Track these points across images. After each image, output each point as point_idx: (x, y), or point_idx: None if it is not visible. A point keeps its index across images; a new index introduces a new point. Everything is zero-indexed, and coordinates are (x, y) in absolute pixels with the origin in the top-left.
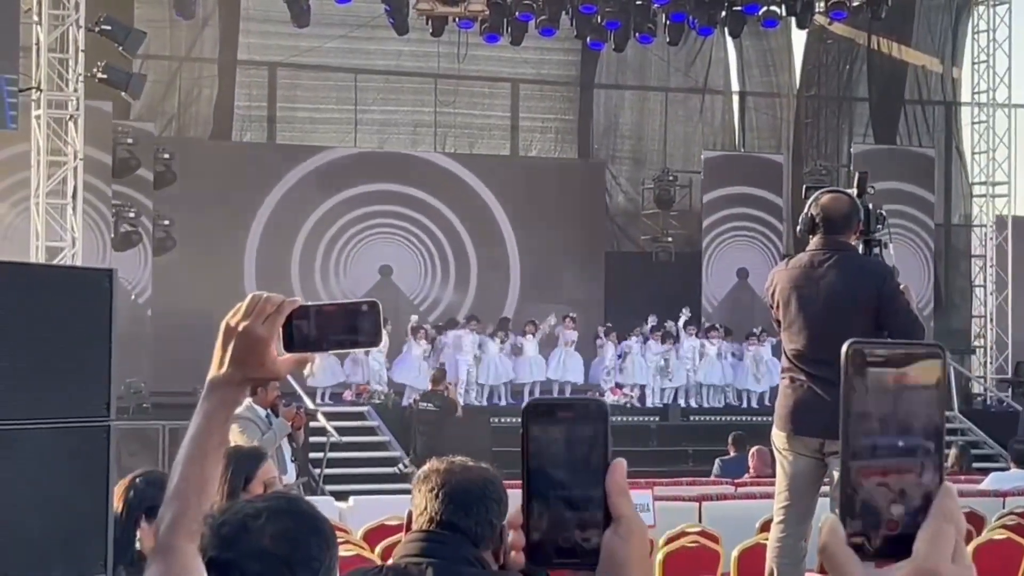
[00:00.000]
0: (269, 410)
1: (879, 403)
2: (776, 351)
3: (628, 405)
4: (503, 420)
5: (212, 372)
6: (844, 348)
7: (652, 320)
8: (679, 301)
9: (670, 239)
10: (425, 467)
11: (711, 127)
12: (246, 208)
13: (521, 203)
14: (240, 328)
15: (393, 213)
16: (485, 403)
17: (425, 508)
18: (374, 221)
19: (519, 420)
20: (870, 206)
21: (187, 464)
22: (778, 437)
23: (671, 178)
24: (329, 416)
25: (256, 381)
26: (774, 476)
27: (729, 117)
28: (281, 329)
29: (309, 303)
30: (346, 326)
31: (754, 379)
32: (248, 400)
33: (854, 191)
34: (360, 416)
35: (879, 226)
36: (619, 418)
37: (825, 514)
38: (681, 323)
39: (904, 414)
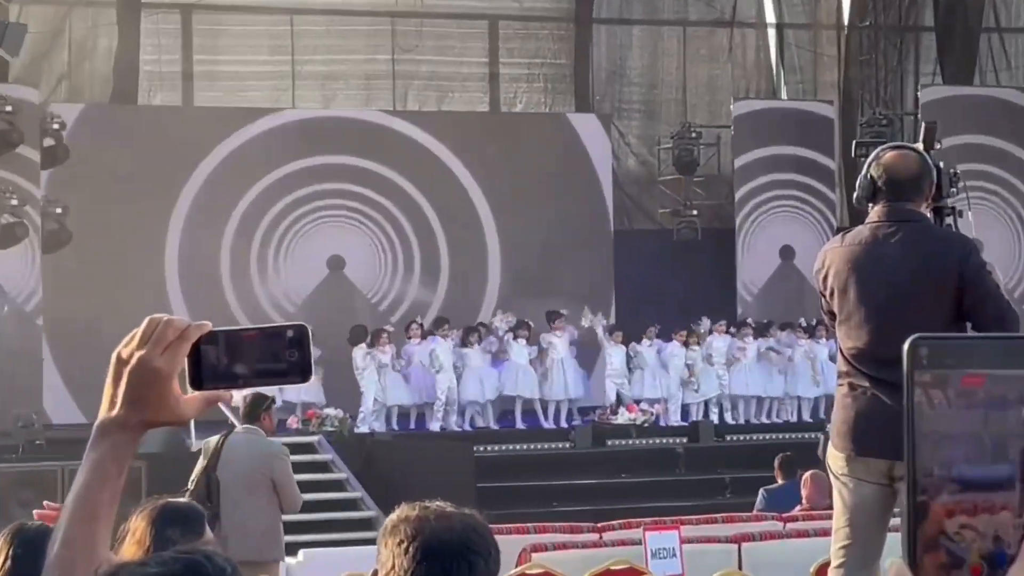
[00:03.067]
0: None
1: (960, 419)
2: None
3: (647, 424)
4: (490, 449)
5: (102, 413)
6: (906, 346)
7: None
8: (708, 290)
9: (695, 212)
10: (394, 515)
11: (742, 70)
12: (160, 190)
13: (503, 172)
14: (135, 360)
15: (343, 192)
16: (467, 427)
17: (393, 566)
18: (321, 202)
19: (511, 447)
20: (941, 164)
21: (71, 526)
22: (835, 459)
23: (693, 135)
24: None
25: (155, 425)
26: (831, 508)
27: (764, 56)
28: (187, 360)
29: (221, 328)
30: (268, 356)
31: (812, 383)
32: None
33: (920, 145)
34: (309, 448)
35: (953, 189)
36: (637, 441)
37: (891, 559)
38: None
39: (996, 433)
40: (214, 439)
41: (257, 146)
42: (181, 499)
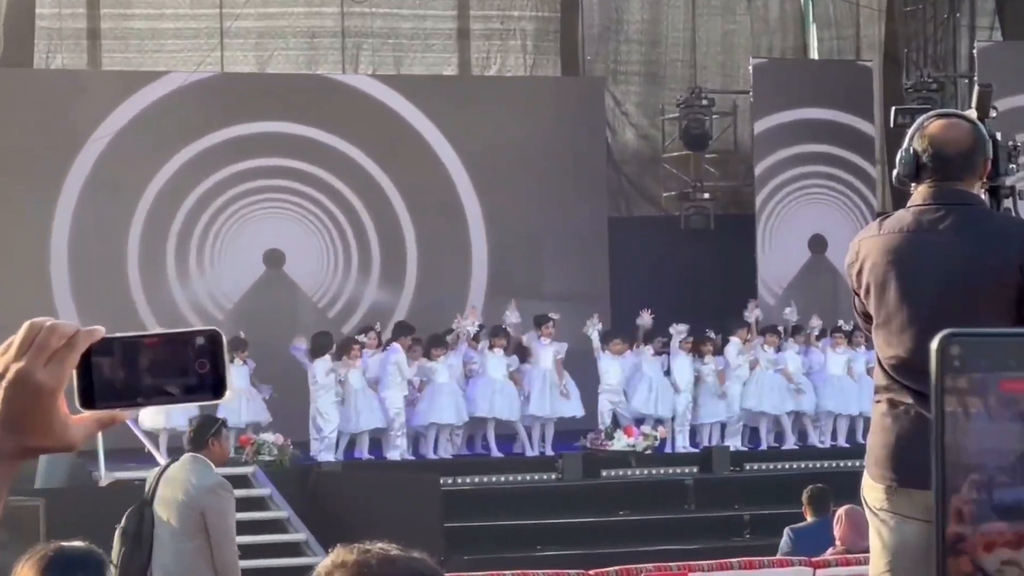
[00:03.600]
0: None
1: (1002, 433)
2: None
3: (649, 451)
4: (460, 481)
5: None
6: (934, 345)
7: (679, 328)
8: (723, 290)
9: (706, 196)
10: (328, 559)
11: (763, 24)
12: (55, 167)
13: (476, 147)
14: (11, 373)
15: (283, 170)
16: (432, 454)
17: None
18: (255, 184)
19: (485, 479)
20: (998, 136)
21: None
22: (873, 491)
23: (704, 102)
24: None
25: (37, 451)
26: (869, 550)
27: (791, 7)
28: (75, 373)
29: (116, 335)
30: (173, 368)
31: (849, 399)
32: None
33: (973, 113)
34: (243, 481)
35: (1012, 165)
36: (637, 471)
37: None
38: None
39: None
40: (157, 469)
41: (174, 114)
42: (79, 543)
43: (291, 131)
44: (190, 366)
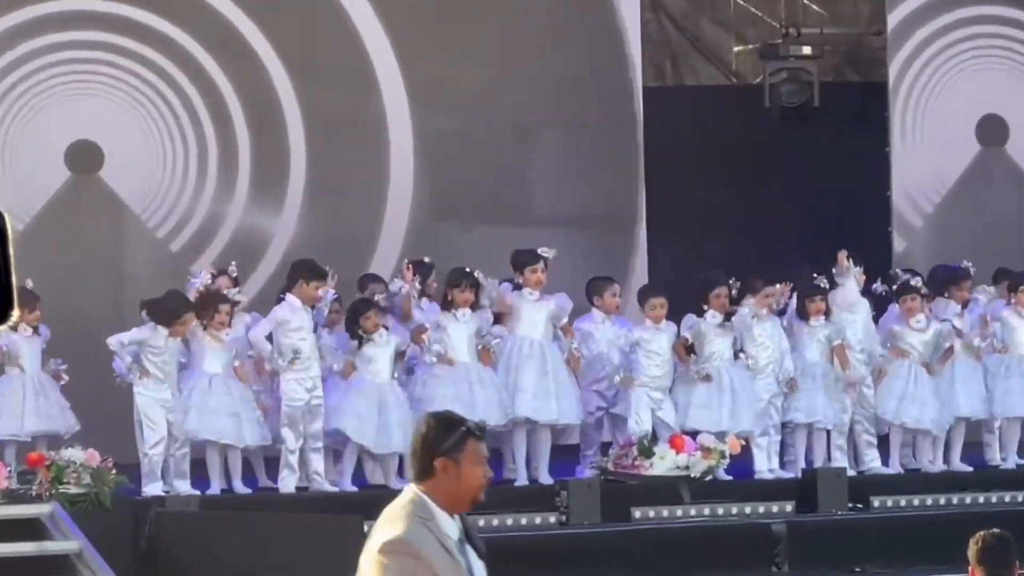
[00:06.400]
0: None
1: None
2: None
3: (710, 476)
4: None
5: None
6: None
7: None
8: (836, 210)
9: (807, 51)
10: None
11: None
12: None
13: None
14: None
15: (92, 43)
16: (348, 484)
17: None
18: (61, 55)
19: None
20: None
21: None
22: None
23: None
24: None
25: None
26: None
27: None
28: None
29: None
30: None
31: None
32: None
33: None
34: (31, 530)
35: None
36: (691, 508)
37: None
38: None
39: None
40: None
41: None
42: None
43: None
44: None
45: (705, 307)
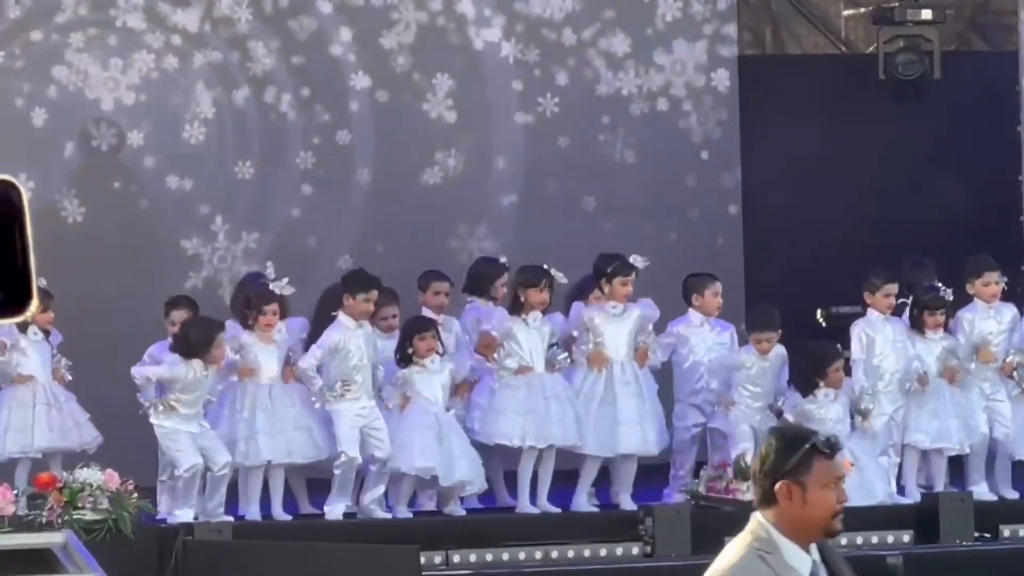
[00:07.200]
0: None
1: None
2: None
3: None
4: (460, 562)
5: None
6: None
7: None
8: (963, 199)
9: (927, 16)
10: None
11: None
12: None
13: None
14: None
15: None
16: (404, 509)
17: None
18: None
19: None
20: None
21: None
22: None
23: None
24: None
25: None
26: None
27: None
28: None
29: None
30: None
31: None
32: None
33: None
34: (40, 564)
35: None
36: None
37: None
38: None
39: None
40: None
41: None
42: None
43: None
44: None
45: (819, 381)
